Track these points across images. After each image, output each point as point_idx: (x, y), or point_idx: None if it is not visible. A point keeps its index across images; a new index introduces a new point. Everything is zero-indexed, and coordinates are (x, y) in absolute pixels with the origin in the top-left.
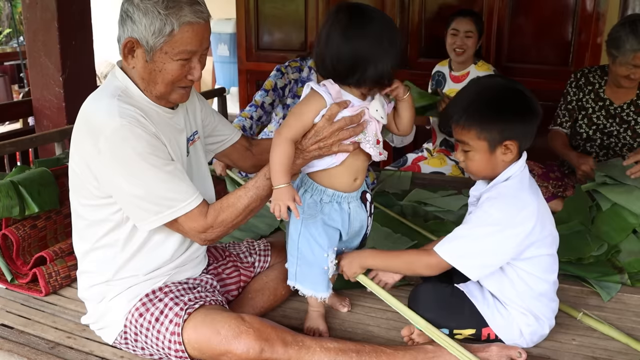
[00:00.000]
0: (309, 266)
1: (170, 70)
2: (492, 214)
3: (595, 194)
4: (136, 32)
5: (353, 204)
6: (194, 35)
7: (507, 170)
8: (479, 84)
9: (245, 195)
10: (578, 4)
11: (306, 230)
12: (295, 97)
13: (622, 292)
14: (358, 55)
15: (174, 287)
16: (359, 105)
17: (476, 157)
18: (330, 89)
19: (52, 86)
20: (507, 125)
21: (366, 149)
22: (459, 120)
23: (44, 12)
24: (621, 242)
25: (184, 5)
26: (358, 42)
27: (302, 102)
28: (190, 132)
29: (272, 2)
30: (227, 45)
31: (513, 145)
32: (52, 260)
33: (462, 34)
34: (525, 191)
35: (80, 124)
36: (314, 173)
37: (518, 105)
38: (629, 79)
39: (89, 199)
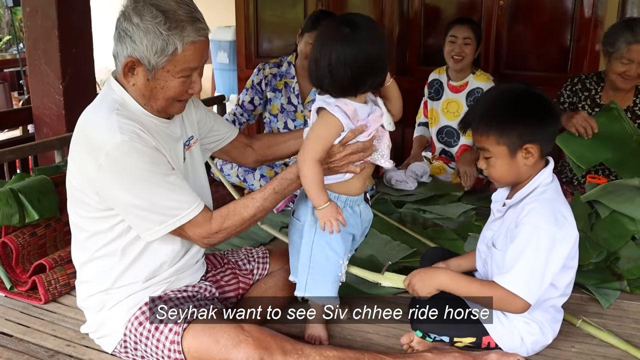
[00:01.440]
0: (322, 274)
1: (172, 88)
2: (540, 237)
3: (594, 202)
4: (137, 52)
5: (362, 206)
6: (195, 53)
7: (535, 179)
8: (497, 90)
9: (252, 206)
10: (576, 11)
11: (320, 238)
12: (275, 90)
13: (621, 299)
14: (368, 63)
15: (173, 295)
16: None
17: (497, 163)
18: (346, 108)
19: (52, 94)
20: (525, 128)
21: (381, 163)
22: (478, 127)
23: (45, 20)
24: (620, 249)
25: (186, 24)
26: (365, 50)
27: (321, 125)
28: (186, 137)
29: (272, 9)
30: (227, 52)
31: (534, 148)
32: (51, 268)
33: (461, 41)
34: (561, 204)
35: (78, 139)
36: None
37: (536, 108)
38: (624, 78)
39: (88, 211)
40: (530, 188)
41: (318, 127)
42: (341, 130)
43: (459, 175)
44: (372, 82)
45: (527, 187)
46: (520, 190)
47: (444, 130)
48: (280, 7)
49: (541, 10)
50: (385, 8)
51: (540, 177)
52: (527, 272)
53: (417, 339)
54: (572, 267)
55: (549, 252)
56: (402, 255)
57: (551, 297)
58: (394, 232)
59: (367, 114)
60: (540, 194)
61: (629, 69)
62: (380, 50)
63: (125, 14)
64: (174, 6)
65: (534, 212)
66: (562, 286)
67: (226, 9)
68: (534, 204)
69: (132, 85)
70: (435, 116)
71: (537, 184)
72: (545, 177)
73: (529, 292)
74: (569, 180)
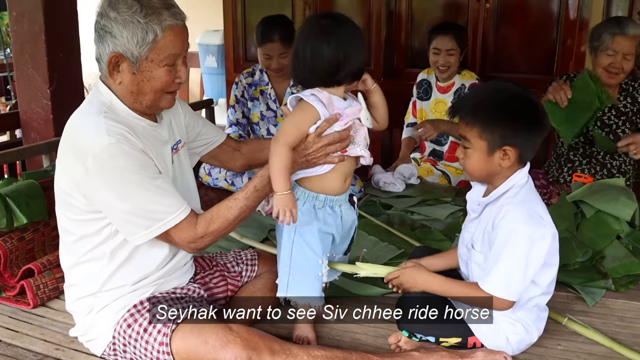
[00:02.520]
0: (302, 274)
1: (158, 78)
2: (517, 239)
3: (580, 202)
4: (119, 46)
5: (344, 207)
6: (176, 38)
7: (510, 180)
8: (494, 85)
9: (236, 206)
10: (561, 13)
11: (300, 237)
12: (253, 99)
13: (606, 297)
14: (343, 52)
15: (162, 297)
16: (347, 115)
17: (474, 155)
18: (321, 96)
19: (39, 98)
20: (510, 130)
21: (357, 152)
22: (465, 116)
23: (32, 24)
24: (605, 248)
25: (162, 10)
26: (340, 40)
27: (296, 112)
28: (174, 141)
29: (259, 13)
30: (215, 56)
31: (512, 151)
32: (40, 272)
33: (444, 53)
34: (536, 203)
35: (66, 142)
36: (304, 180)
37: (526, 114)
38: (609, 72)
39: (76, 214)
40: (505, 188)
41: (293, 113)
42: (316, 117)
43: (446, 177)
44: (347, 72)
45: (502, 187)
46: (495, 190)
47: None
48: (268, 10)
49: (527, 13)
50: (372, 11)
51: (514, 177)
52: (506, 275)
53: (404, 339)
54: (554, 264)
55: (527, 252)
56: (390, 256)
57: (534, 295)
58: (382, 233)
59: (345, 107)
60: (515, 195)
61: (614, 61)
62: (354, 40)
63: (102, 12)
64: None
65: (509, 215)
66: (544, 284)
67: (214, 13)
68: (509, 207)
69: (119, 84)
70: (425, 116)
71: (511, 184)
72: (520, 178)
73: (509, 293)
74: (555, 180)
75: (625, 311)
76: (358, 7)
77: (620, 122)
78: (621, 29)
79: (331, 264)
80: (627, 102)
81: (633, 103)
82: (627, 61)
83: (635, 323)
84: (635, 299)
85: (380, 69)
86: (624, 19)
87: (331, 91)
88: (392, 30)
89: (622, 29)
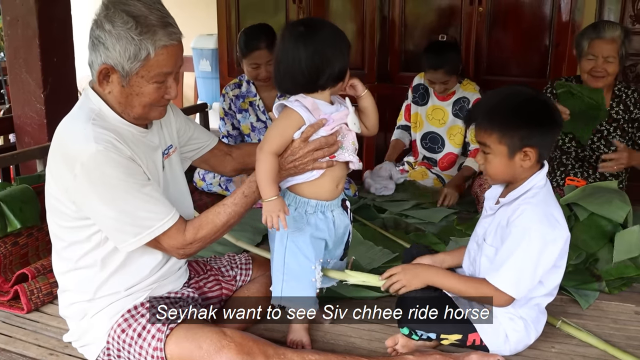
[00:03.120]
0: (296, 280)
1: (147, 93)
2: (531, 237)
3: (573, 204)
4: (110, 59)
5: (336, 212)
6: (168, 57)
7: (529, 181)
8: (506, 90)
9: (224, 212)
10: (554, 17)
11: (292, 243)
12: (242, 111)
13: (600, 299)
14: (320, 56)
15: (156, 302)
16: (334, 120)
17: (495, 160)
18: (304, 102)
19: (33, 103)
20: (528, 132)
21: (346, 157)
22: (482, 123)
23: (25, 29)
24: (599, 250)
25: (157, 29)
26: (317, 44)
27: (279, 118)
28: (165, 146)
29: (253, 17)
30: (209, 60)
31: (532, 152)
32: (33, 277)
33: (439, 83)
34: (553, 206)
35: (55, 148)
36: (296, 187)
37: (542, 115)
38: (593, 76)
39: (66, 221)
40: (524, 189)
41: (276, 120)
42: (300, 122)
43: (440, 181)
44: (327, 76)
45: (521, 187)
46: (513, 190)
47: (428, 136)
48: (262, 15)
49: (520, 17)
50: (366, 15)
51: (534, 179)
52: (517, 272)
53: (401, 342)
54: (561, 266)
55: (540, 252)
56: (385, 260)
57: (538, 295)
58: (377, 237)
59: (331, 112)
60: (533, 196)
61: (596, 65)
62: (331, 43)
63: (98, 22)
64: (145, 12)
65: (526, 214)
66: (550, 286)
67: (208, 17)
68: (526, 206)
69: (108, 93)
70: (420, 121)
71: (530, 186)
72: (539, 180)
73: (517, 290)
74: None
75: (619, 313)
76: (351, 12)
77: (612, 128)
78: (597, 33)
79: (323, 270)
80: (619, 109)
81: (625, 111)
82: (610, 63)
83: (629, 325)
84: (628, 301)
85: (374, 73)
86: (600, 22)
87: (316, 96)
88: (386, 35)
89: (598, 32)
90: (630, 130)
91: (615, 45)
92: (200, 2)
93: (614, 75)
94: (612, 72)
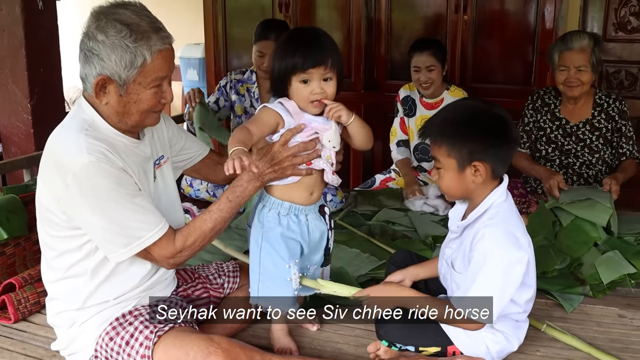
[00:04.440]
0: (272, 280)
1: (145, 100)
2: (493, 263)
3: (557, 210)
4: (107, 69)
5: (311, 216)
6: (163, 61)
7: (488, 199)
8: (460, 104)
9: (210, 218)
10: (538, 25)
11: (267, 243)
12: (239, 94)
13: (584, 303)
14: (279, 63)
15: (144, 310)
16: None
17: (446, 175)
18: (287, 104)
19: (20, 113)
20: (477, 146)
21: (320, 165)
22: (432, 135)
23: (12, 39)
24: (583, 255)
25: (151, 34)
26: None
27: (260, 113)
28: (157, 156)
29: (241, 26)
30: (197, 70)
31: (482, 167)
32: (21, 286)
33: (425, 70)
34: (514, 225)
35: (47, 158)
36: (271, 188)
37: (493, 128)
38: (568, 86)
39: (57, 230)
40: (484, 208)
41: (257, 114)
42: (277, 119)
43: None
44: (276, 78)
45: (480, 207)
46: (474, 211)
47: (419, 147)
48: (249, 23)
49: (505, 25)
50: (352, 23)
51: (492, 196)
52: (483, 299)
53: (383, 348)
54: (531, 285)
55: (505, 275)
56: (371, 267)
57: (512, 312)
58: (363, 244)
59: (311, 120)
60: (492, 217)
61: (568, 75)
62: (280, 45)
63: (89, 34)
64: (135, 19)
65: (485, 239)
66: (522, 302)
67: (195, 26)
68: (485, 230)
69: (105, 104)
70: (411, 133)
71: (489, 204)
72: (498, 197)
73: (490, 317)
74: (533, 190)
75: (603, 317)
76: (338, 21)
77: (594, 137)
78: (566, 45)
79: (302, 278)
80: (601, 118)
81: (607, 120)
82: (582, 72)
83: (612, 328)
84: (612, 305)
85: (360, 81)
86: (568, 34)
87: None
88: (372, 43)
89: (567, 44)
90: (615, 139)
91: (585, 55)
92: (187, 12)
93: (589, 83)
94: (586, 80)
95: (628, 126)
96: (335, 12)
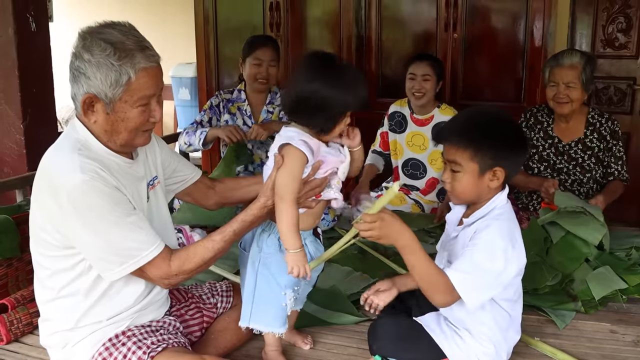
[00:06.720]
0: (266, 304)
1: (132, 118)
2: (496, 249)
3: (548, 226)
4: (93, 87)
5: (309, 240)
6: (149, 80)
7: (493, 201)
8: (479, 110)
9: (212, 248)
10: (527, 42)
11: (264, 268)
12: (230, 113)
13: (576, 319)
14: (335, 99)
15: (137, 330)
16: (328, 163)
17: (464, 178)
18: (311, 143)
19: (12, 133)
20: (500, 152)
21: (330, 195)
22: (455, 140)
23: (5, 60)
24: (574, 271)
25: (135, 52)
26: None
27: (291, 162)
28: (150, 177)
29: (232, 45)
30: (189, 89)
31: (501, 172)
32: (13, 307)
33: (420, 78)
34: (515, 227)
35: (41, 178)
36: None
37: (513, 136)
38: (558, 102)
39: (51, 250)
40: (488, 209)
41: (290, 164)
42: (306, 162)
43: (418, 206)
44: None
45: (485, 207)
46: (477, 211)
47: (409, 162)
48: (240, 43)
49: (494, 42)
50: (342, 41)
51: (497, 199)
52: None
53: None
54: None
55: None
56: (364, 285)
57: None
58: (355, 262)
59: (327, 154)
60: (499, 214)
61: (558, 91)
62: (323, 92)
63: (76, 54)
64: (121, 38)
65: (492, 227)
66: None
67: (187, 45)
68: (493, 221)
69: (94, 123)
70: (400, 149)
71: (494, 206)
72: (501, 200)
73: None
74: (524, 207)
75: (595, 332)
76: (328, 38)
77: (586, 156)
78: (556, 61)
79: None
80: (593, 137)
81: (599, 139)
82: (571, 89)
83: (604, 344)
84: (604, 321)
85: None
86: (561, 52)
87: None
88: (363, 61)
89: (557, 60)
90: (607, 159)
91: (575, 72)
92: (178, 31)
93: (578, 101)
94: (575, 98)
95: (618, 146)
96: (326, 30)
